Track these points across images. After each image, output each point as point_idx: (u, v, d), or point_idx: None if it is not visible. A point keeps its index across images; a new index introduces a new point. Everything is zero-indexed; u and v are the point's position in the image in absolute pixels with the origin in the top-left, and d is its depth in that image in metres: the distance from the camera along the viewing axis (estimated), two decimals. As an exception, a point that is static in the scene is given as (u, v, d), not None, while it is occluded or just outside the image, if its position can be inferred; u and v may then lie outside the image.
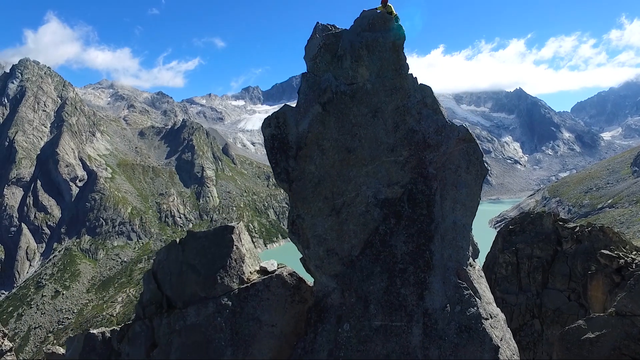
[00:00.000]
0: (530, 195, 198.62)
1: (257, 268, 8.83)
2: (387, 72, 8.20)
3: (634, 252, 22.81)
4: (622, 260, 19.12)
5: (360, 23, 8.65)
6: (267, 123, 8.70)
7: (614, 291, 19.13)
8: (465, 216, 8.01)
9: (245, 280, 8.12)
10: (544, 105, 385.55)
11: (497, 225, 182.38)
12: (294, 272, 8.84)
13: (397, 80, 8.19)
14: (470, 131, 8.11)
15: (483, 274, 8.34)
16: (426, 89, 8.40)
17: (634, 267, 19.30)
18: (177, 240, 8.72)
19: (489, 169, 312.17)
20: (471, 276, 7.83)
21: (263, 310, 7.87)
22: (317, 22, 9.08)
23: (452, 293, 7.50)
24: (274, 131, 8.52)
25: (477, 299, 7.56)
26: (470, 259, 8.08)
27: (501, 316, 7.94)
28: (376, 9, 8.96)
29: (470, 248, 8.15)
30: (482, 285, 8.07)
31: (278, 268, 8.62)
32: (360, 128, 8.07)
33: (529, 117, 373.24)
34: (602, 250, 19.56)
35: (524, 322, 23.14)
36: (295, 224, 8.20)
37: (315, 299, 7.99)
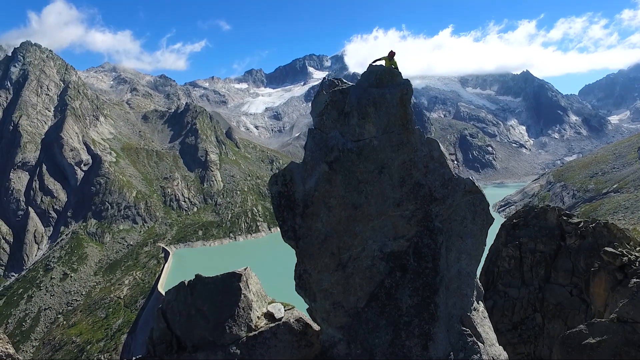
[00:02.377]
0: (535, 179, 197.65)
1: (265, 310, 9.02)
2: (394, 128, 8.15)
3: (638, 249, 22.88)
4: (625, 258, 19.21)
5: (368, 78, 8.57)
6: (274, 181, 8.69)
7: (616, 288, 19.28)
8: (470, 265, 8.07)
9: (253, 327, 8.30)
10: (551, 88, 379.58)
11: (500, 209, 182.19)
12: (301, 317, 8.99)
13: (404, 135, 8.15)
14: (476, 184, 8.02)
15: (487, 314, 8.48)
16: (433, 143, 8.39)
17: (637, 265, 19.41)
18: (186, 282, 8.91)
19: (494, 152, 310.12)
20: (475, 321, 7.95)
21: (270, 357, 8.06)
22: (324, 78, 8.91)
23: (455, 340, 7.62)
24: (281, 188, 8.52)
25: (480, 343, 7.71)
26: (475, 303, 8.14)
27: (504, 355, 8.03)
28: (380, 58, 8.86)
29: (475, 292, 8.20)
30: (486, 327, 8.22)
31: (286, 310, 8.75)
32: (366, 184, 8.09)
33: (536, 101, 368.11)
34: (606, 248, 19.60)
35: (525, 316, 23.44)
36: (302, 279, 8.32)
37: (321, 349, 8.15)
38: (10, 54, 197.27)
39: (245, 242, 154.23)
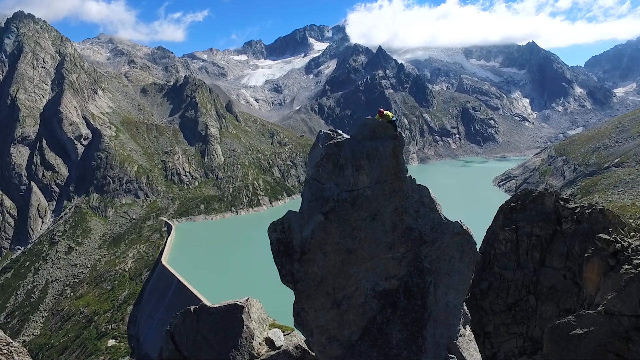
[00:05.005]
0: (537, 153, 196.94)
1: (266, 335, 9.63)
2: (386, 177, 8.52)
3: (632, 233, 23.24)
4: (618, 245, 19.63)
5: (362, 131, 8.95)
6: (273, 228, 9.14)
7: (608, 274, 19.81)
8: (457, 298, 8.59)
9: (255, 354, 8.98)
10: (556, 59, 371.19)
11: (500, 183, 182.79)
12: (299, 344, 9.58)
13: (396, 183, 8.52)
14: (464, 227, 8.33)
15: (473, 337, 8.97)
16: (423, 189, 8.77)
17: (629, 251, 19.86)
18: (192, 309, 9.52)
19: (497, 126, 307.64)
20: (460, 347, 8.46)
21: (272, 384, 8.72)
22: (320, 131, 9.30)
23: (442, 367, 8.21)
24: (280, 235, 8.99)
25: (465, 368, 8.32)
26: (461, 329, 8.62)
27: (487, 374, 8.56)
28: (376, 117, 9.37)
29: (462, 319, 8.68)
30: (472, 350, 8.72)
31: (285, 335, 9.30)
32: (360, 231, 8.50)
33: (540, 73, 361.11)
34: (600, 235, 19.83)
35: (519, 298, 24.01)
36: (299, 316, 8.89)
37: (318, 377, 8.69)
38: (3, 25, 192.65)
39: (247, 216, 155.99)
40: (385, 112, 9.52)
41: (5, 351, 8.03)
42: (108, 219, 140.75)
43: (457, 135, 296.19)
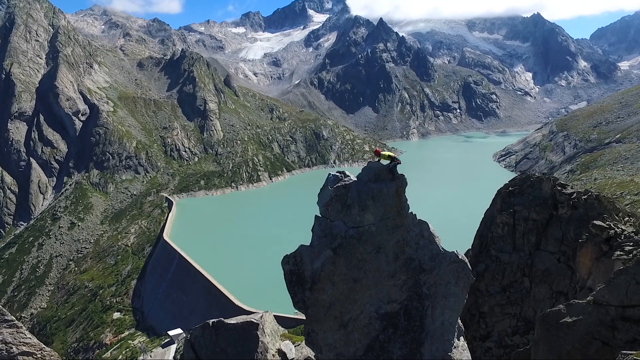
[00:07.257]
0: (538, 128, 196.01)
1: (278, 347, 10.55)
2: (389, 214, 9.50)
3: (626, 219, 23.68)
4: (612, 231, 20.12)
5: (367, 174, 9.99)
6: (286, 261, 10.18)
7: (601, 259, 20.41)
8: (452, 316, 9.59)
9: None
10: (561, 32, 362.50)
11: (500, 159, 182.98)
12: (309, 356, 10.55)
13: (399, 219, 9.51)
14: (460, 256, 9.39)
15: (466, 346, 9.88)
16: (423, 224, 9.82)
17: (622, 237, 20.38)
18: (210, 323, 10.50)
19: (498, 100, 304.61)
20: (454, 357, 9.46)
21: (286, 394, 9.81)
22: (329, 174, 10.33)
23: (437, 379, 9.21)
24: (292, 267, 10.02)
25: (458, 378, 9.29)
26: (455, 341, 9.57)
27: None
28: (378, 160, 10.27)
29: (456, 332, 9.61)
30: (464, 358, 9.65)
31: (296, 346, 10.18)
32: (365, 262, 9.45)
33: (544, 46, 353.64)
34: (594, 221, 20.25)
35: (514, 280, 24.67)
36: (310, 336, 9.95)
37: (325, 389, 9.81)
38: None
39: (247, 192, 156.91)
40: (382, 152, 10.42)
41: (39, 356, 8.55)
42: (109, 194, 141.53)
43: (458, 110, 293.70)
